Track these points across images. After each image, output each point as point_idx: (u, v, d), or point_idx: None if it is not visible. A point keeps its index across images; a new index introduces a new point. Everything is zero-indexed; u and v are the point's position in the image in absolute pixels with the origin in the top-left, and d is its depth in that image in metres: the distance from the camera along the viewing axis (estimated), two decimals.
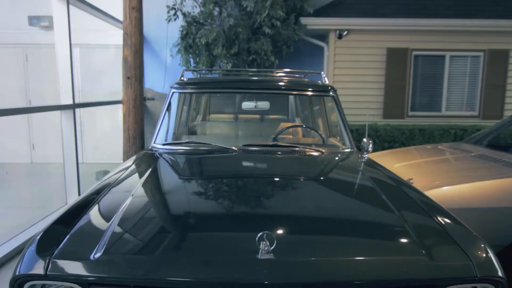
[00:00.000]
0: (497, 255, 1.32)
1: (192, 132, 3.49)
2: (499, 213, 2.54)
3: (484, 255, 1.28)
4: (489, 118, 6.49)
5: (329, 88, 2.76)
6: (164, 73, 6.88)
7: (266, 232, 1.25)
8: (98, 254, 1.21)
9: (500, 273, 1.24)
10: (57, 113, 4.41)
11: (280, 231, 1.33)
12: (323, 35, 6.59)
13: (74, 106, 4.38)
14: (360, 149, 2.60)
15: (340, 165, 2.33)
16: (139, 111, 5.27)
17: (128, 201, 1.56)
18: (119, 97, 5.39)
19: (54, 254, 1.21)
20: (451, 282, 1.22)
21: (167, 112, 2.70)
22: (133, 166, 2.13)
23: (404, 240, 1.35)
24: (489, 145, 3.60)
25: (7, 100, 7.21)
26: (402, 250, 1.32)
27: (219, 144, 2.37)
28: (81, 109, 7.32)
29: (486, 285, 1.24)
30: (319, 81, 2.99)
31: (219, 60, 5.72)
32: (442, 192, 2.59)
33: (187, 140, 2.60)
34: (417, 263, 1.23)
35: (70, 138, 4.39)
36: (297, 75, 3.56)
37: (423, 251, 1.26)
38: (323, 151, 2.43)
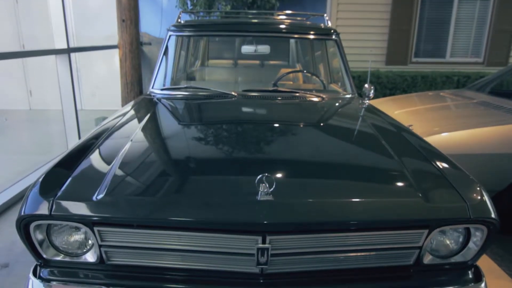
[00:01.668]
0: (491, 199, 1.35)
1: (190, 77, 3.42)
2: (497, 159, 2.57)
3: (479, 197, 1.31)
4: (493, 65, 6.36)
5: (332, 31, 2.67)
6: (161, 16, 6.61)
7: (266, 174, 1.26)
8: (101, 196, 1.23)
9: (493, 215, 1.27)
10: (52, 58, 4.30)
11: (279, 174, 1.35)
12: None
13: (69, 51, 4.26)
14: (361, 95, 2.56)
15: (341, 111, 2.31)
16: (136, 56, 5.14)
17: (127, 146, 1.56)
18: (115, 41, 5.22)
19: (57, 196, 1.24)
20: (445, 223, 1.26)
21: (164, 57, 2.63)
22: (132, 111, 2.11)
23: (401, 183, 1.37)
24: (492, 92, 3.56)
25: None
26: (398, 192, 1.35)
27: (218, 89, 2.34)
28: (77, 54, 7.14)
29: (478, 226, 1.28)
30: (322, 24, 2.88)
31: (217, 2, 5.47)
32: (441, 138, 2.60)
33: (185, 85, 2.56)
34: (413, 204, 1.26)
35: (67, 84, 4.31)
36: (298, 18, 3.42)
37: (420, 194, 1.29)
38: (324, 96, 2.40)
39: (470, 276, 1.37)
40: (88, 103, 7.39)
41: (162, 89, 2.46)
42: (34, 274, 1.31)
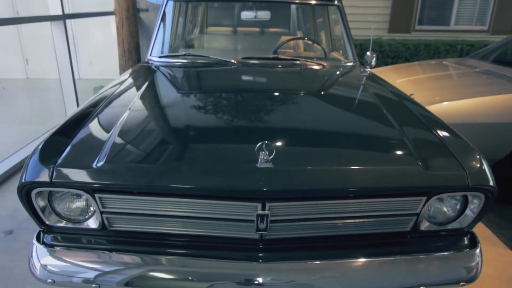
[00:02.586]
0: (491, 168, 1.35)
1: (189, 45, 3.36)
2: (497, 128, 2.56)
3: (478, 165, 1.31)
4: (498, 33, 6.23)
5: None
6: None
7: (265, 142, 1.26)
8: (101, 163, 1.23)
9: (491, 183, 1.27)
10: (48, 26, 4.20)
11: (279, 142, 1.35)
12: None
13: (64, 17, 4.15)
14: (363, 63, 2.53)
15: (342, 79, 2.28)
16: (133, 22, 5.02)
17: (126, 114, 1.55)
18: (111, 7, 5.09)
19: (57, 163, 1.24)
20: (443, 190, 1.27)
21: (162, 23, 2.57)
22: (130, 79, 2.08)
23: (400, 151, 1.37)
24: (495, 61, 3.51)
25: None
26: (398, 160, 1.35)
27: (217, 57, 2.30)
28: (73, 22, 6.98)
29: (476, 194, 1.29)
30: None
31: None
32: (442, 108, 2.58)
33: (184, 53, 2.51)
34: (412, 172, 1.26)
35: (63, 52, 4.23)
36: None
37: (419, 162, 1.29)
38: (325, 64, 2.36)
39: (466, 242, 1.40)
40: (86, 72, 7.30)
41: (160, 57, 2.42)
42: (38, 239, 1.34)
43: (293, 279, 1.27)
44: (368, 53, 2.48)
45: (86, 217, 1.33)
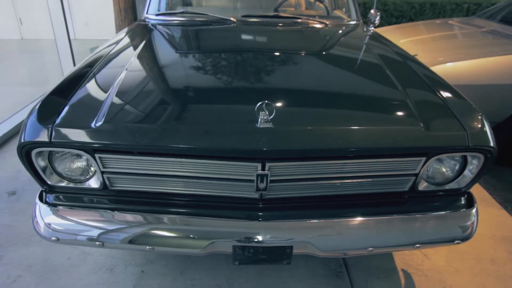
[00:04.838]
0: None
1: (186, 3, 3.24)
2: (500, 90, 2.53)
3: (479, 126, 1.30)
4: None
5: None
6: None
7: (266, 102, 1.24)
8: (99, 123, 1.22)
9: (491, 143, 1.27)
10: None
11: (279, 102, 1.33)
12: None
13: None
14: (366, 22, 2.45)
15: (344, 38, 2.22)
16: None
17: (123, 74, 1.52)
18: None
19: (56, 123, 1.23)
20: (443, 150, 1.27)
21: None
22: (126, 39, 2.03)
23: (402, 112, 1.36)
24: (503, 20, 3.40)
25: None
26: (399, 120, 1.33)
27: (216, 15, 2.23)
28: None
29: (476, 154, 1.30)
30: None
31: None
32: (445, 69, 2.54)
33: (182, 10, 2.43)
34: (412, 132, 1.26)
35: (57, 12, 4.10)
36: None
37: (420, 122, 1.28)
38: (327, 23, 2.30)
39: (463, 202, 1.42)
40: (81, 32, 7.12)
41: (157, 15, 2.34)
42: (40, 199, 1.36)
43: (291, 237, 1.30)
44: (371, 11, 2.40)
45: (87, 177, 1.34)
